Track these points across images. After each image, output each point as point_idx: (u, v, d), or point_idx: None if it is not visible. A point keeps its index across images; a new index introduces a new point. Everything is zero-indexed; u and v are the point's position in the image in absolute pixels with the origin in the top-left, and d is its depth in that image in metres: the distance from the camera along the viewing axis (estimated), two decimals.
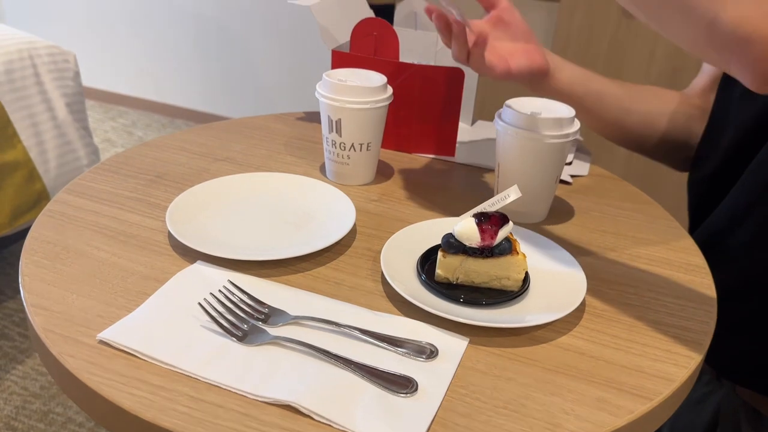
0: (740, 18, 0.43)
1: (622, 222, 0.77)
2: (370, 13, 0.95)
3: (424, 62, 0.87)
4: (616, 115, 0.86)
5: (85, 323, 0.55)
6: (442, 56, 0.97)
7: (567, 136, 0.70)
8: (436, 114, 0.89)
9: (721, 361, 0.80)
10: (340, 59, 0.88)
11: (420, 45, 0.96)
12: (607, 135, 0.90)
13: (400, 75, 0.86)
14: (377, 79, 0.79)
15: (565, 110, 0.73)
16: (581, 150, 0.95)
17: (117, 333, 0.53)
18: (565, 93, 0.81)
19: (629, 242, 0.73)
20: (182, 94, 3.23)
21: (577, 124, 0.72)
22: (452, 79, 0.86)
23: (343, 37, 0.92)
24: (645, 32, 1.89)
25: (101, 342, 0.53)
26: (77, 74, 1.90)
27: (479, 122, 1.03)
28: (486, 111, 1.03)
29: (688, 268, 0.69)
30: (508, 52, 0.76)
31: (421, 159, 0.91)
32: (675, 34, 0.49)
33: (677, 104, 0.89)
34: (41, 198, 1.76)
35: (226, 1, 2.96)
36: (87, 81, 2.76)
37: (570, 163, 0.90)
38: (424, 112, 0.89)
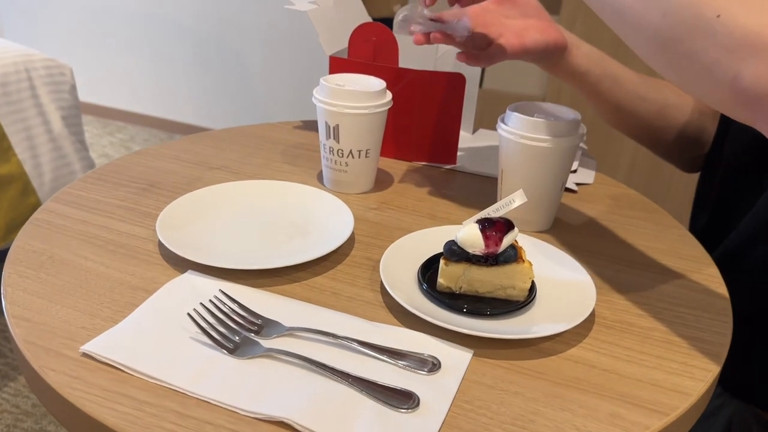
0: (757, 76, 0.43)
1: (630, 230, 0.75)
2: (368, 18, 0.93)
3: (424, 69, 0.85)
4: (632, 101, 0.82)
5: (68, 335, 0.52)
6: (443, 63, 0.94)
7: (573, 140, 0.68)
8: (437, 120, 0.86)
9: (731, 383, 0.77)
10: (338, 65, 0.86)
11: (420, 51, 0.94)
12: (618, 123, 0.87)
13: (399, 81, 0.84)
14: (376, 83, 0.77)
15: (570, 114, 0.70)
16: (586, 157, 0.92)
17: (101, 345, 0.51)
18: (582, 72, 0.77)
19: (638, 251, 0.70)
20: (181, 109, 3.22)
21: (583, 129, 0.69)
22: (453, 84, 0.84)
23: (341, 42, 0.90)
24: None
25: (84, 355, 0.50)
26: (73, 87, 1.89)
27: (480, 130, 1.01)
28: (487, 120, 1.01)
29: (701, 277, 0.66)
30: (520, 28, 0.72)
31: (421, 167, 0.89)
32: (702, 93, 0.49)
33: (691, 99, 0.86)
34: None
35: (224, 15, 2.95)
36: (85, 96, 2.74)
37: (575, 171, 0.87)
38: (424, 119, 0.87)
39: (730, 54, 0.44)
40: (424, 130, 0.87)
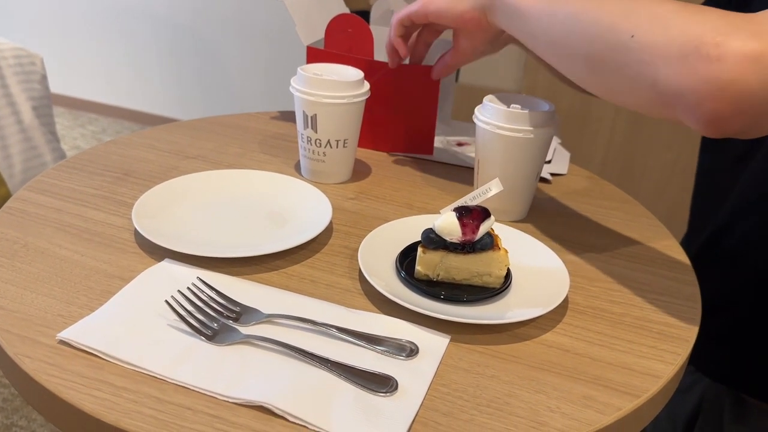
0: (668, 78, 0.50)
1: (603, 220, 0.76)
2: (345, 9, 0.93)
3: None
4: None
5: (44, 323, 0.52)
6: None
7: (548, 131, 0.69)
8: (414, 112, 0.87)
9: (704, 365, 0.79)
10: (315, 56, 0.86)
11: None
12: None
13: (375, 72, 0.84)
14: (354, 73, 0.77)
15: (545, 105, 0.71)
16: (561, 149, 0.93)
17: (78, 332, 0.50)
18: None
19: (610, 240, 0.72)
20: (154, 100, 3.18)
21: (557, 119, 0.71)
22: (429, 77, 0.84)
23: (318, 33, 0.90)
24: None
25: (61, 342, 0.50)
26: (44, 77, 1.85)
27: (456, 122, 1.02)
28: (463, 115, 1.01)
29: (671, 265, 0.68)
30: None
31: (398, 157, 0.89)
32: (625, 100, 0.57)
33: None
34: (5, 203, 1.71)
35: (198, 7, 2.92)
36: (56, 87, 2.69)
37: (549, 161, 0.88)
38: (401, 111, 0.87)
39: (646, 65, 0.52)
40: (400, 121, 0.88)
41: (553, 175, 0.86)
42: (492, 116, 0.70)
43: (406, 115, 0.87)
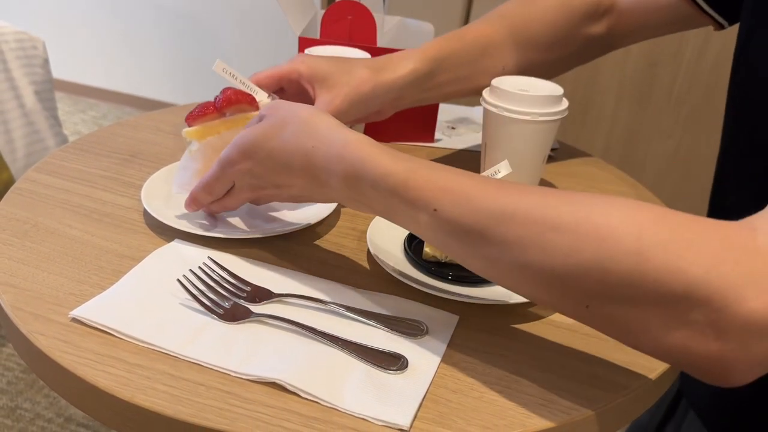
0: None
1: None
2: None
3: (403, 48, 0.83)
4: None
5: (56, 301, 0.52)
6: (389, 39, 0.92)
7: (556, 114, 0.69)
8: None
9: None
10: (308, 46, 0.80)
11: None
12: None
13: None
14: (360, 55, 0.77)
15: (553, 88, 0.71)
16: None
17: (91, 310, 0.51)
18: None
19: None
20: (154, 86, 3.17)
21: (565, 102, 0.71)
22: None
23: (312, 21, 0.88)
24: None
25: (74, 320, 0.50)
26: (46, 61, 1.85)
27: (458, 107, 1.01)
28: (462, 101, 1.01)
29: None
30: None
31: (404, 142, 0.89)
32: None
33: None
34: (8, 188, 1.70)
35: None
36: (56, 72, 2.69)
37: (556, 149, 0.88)
38: None
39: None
40: (402, 111, 0.85)
41: (553, 149, 0.86)
42: (500, 99, 0.70)
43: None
